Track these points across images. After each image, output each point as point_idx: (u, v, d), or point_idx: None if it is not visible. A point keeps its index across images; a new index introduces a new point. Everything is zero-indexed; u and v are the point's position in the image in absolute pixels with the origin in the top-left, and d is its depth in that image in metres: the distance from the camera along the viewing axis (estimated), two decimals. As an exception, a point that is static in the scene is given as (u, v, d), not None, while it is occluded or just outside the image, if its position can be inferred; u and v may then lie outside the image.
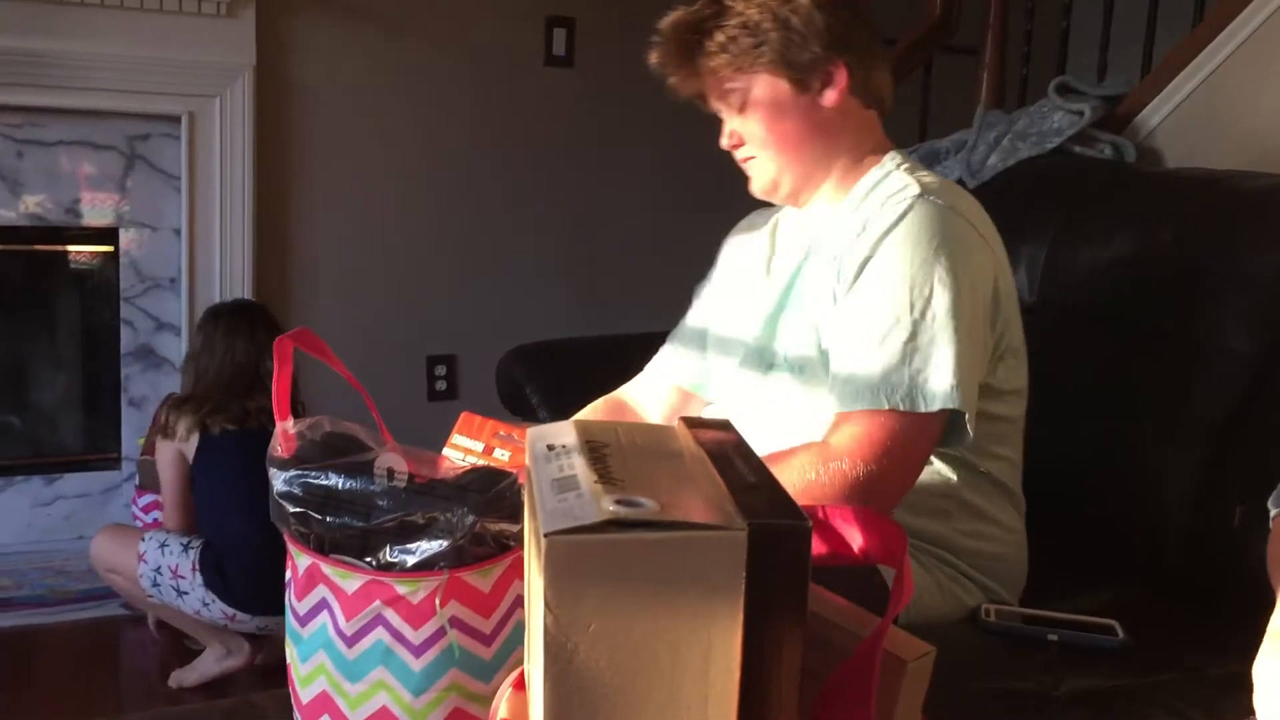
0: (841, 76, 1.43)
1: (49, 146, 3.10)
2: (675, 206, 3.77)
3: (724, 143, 1.51)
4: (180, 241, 3.23)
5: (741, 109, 1.45)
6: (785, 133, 1.45)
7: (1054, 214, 1.96)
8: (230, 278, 3.22)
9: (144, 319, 3.26)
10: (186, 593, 2.46)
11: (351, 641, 0.99)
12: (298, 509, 1.00)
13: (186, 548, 2.50)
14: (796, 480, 1.26)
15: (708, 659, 0.60)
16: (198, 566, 2.46)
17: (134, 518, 3.05)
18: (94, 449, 3.31)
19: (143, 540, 2.56)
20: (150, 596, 2.52)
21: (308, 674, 1.03)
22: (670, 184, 3.77)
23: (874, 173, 1.46)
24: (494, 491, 0.99)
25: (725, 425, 0.76)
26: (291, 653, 1.05)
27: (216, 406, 2.55)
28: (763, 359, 1.51)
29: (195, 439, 2.56)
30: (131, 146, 3.17)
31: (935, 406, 1.29)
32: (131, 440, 3.24)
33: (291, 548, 1.03)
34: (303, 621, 1.03)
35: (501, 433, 1.19)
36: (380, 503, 0.99)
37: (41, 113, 3.06)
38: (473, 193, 3.57)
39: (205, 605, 2.46)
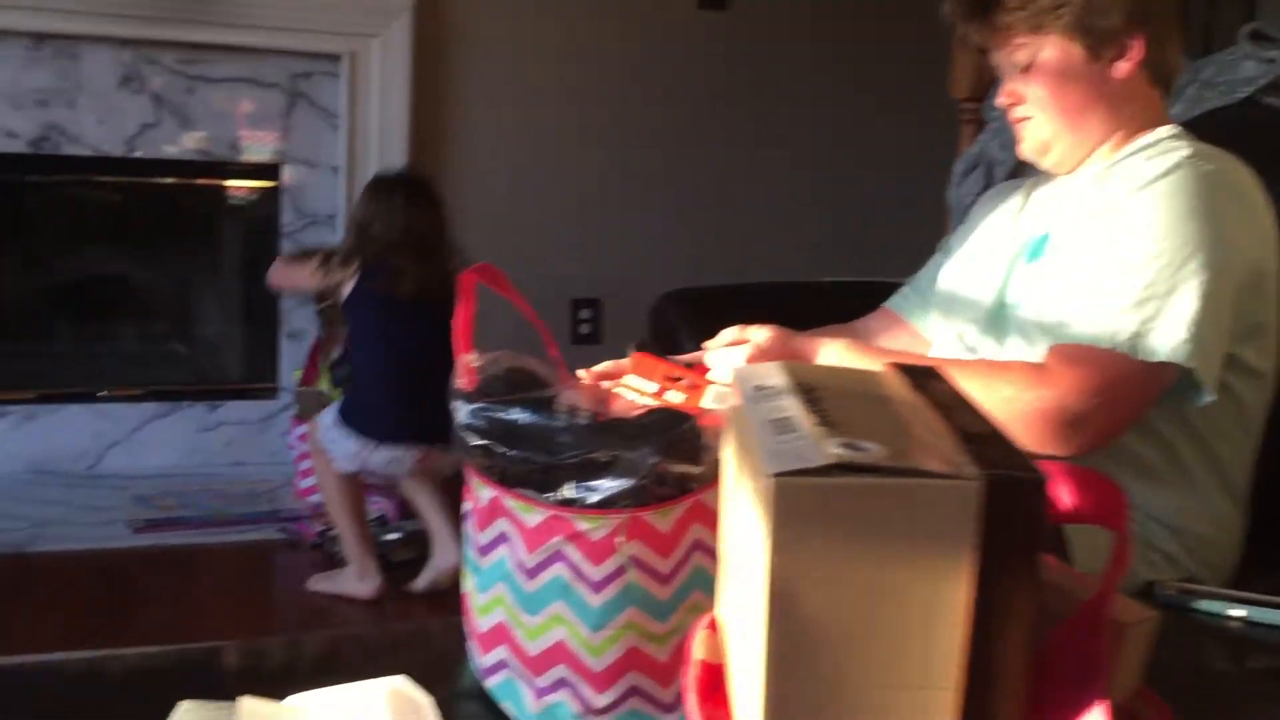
0: (1138, 49, 1.39)
1: (215, 83, 3.20)
2: (821, 157, 3.71)
3: (1000, 100, 1.48)
4: (338, 179, 3.30)
5: (1027, 68, 1.42)
6: (1068, 98, 1.42)
7: (1244, 167, 1.85)
8: (385, 216, 3.28)
9: (302, 255, 3.35)
10: (335, 442, 2.61)
11: (531, 574, 1.00)
12: (481, 442, 1.01)
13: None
14: (1000, 397, 1.23)
15: (932, 614, 0.58)
16: (340, 419, 2.63)
17: (289, 447, 3.16)
18: (253, 378, 3.43)
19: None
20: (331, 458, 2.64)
21: (486, 604, 1.04)
22: (819, 134, 3.70)
23: (1143, 139, 1.41)
24: (676, 433, 0.99)
25: (937, 372, 0.74)
26: (470, 582, 1.07)
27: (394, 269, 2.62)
28: (997, 320, 1.47)
29: (353, 283, 2.66)
30: (293, 84, 3.25)
31: (1160, 357, 1.25)
32: (288, 372, 3.34)
33: (473, 480, 1.04)
34: (483, 552, 1.04)
35: (675, 375, 1.18)
36: (563, 439, 0.99)
37: (210, 50, 3.16)
38: (620, 138, 3.56)
39: (347, 449, 2.60)
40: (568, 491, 0.97)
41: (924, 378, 0.72)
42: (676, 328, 2.15)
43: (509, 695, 1.06)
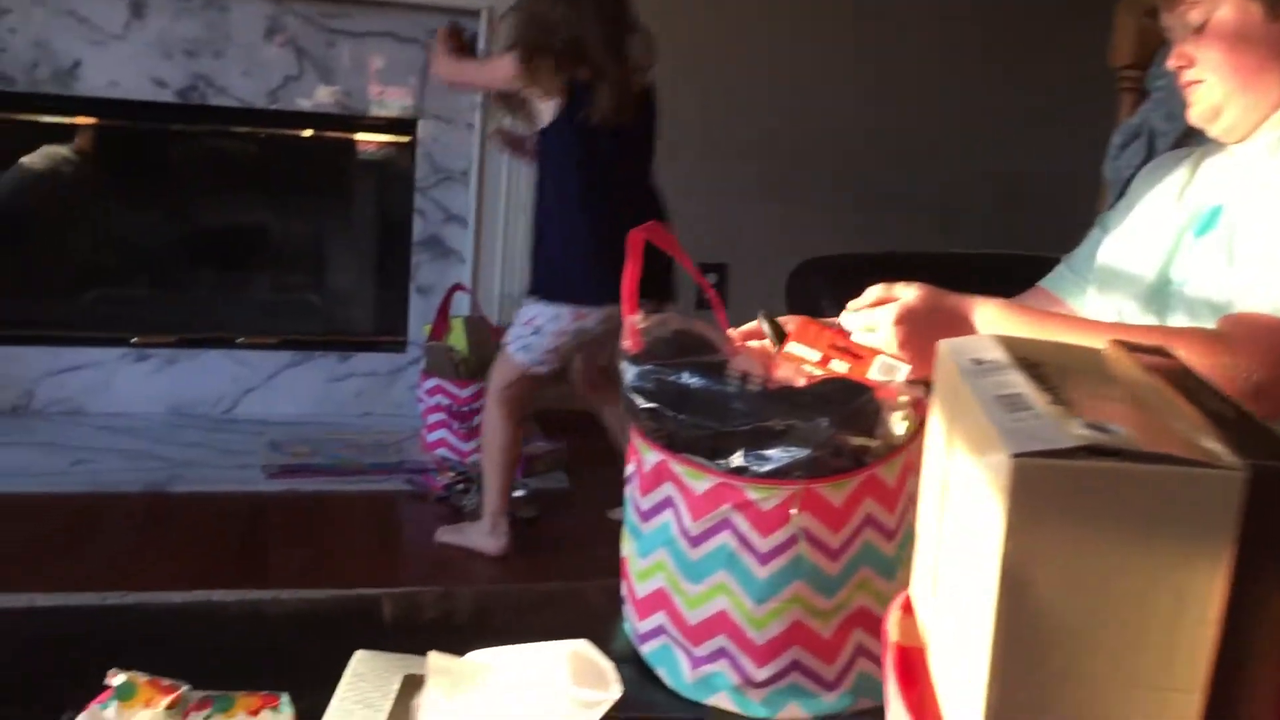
0: None
1: (355, 37, 3.23)
2: (971, 128, 3.59)
3: (1170, 63, 1.40)
4: (472, 134, 3.31)
5: (1200, 29, 1.35)
6: (1243, 60, 1.35)
7: None
8: (518, 174, 3.29)
9: (435, 209, 3.37)
10: (540, 327, 2.53)
11: (696, 542, 0.98)
12: (649, 405, 0.99)
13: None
14: None
15: (1180, 611, 0.54)
16: (541, 295, 2.55)
17: (418, 400, 3.20)
18: (383, 331, 3.48)
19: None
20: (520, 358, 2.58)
21: (645, 569, 1.03)
22: (969, 103, 3.59)
23: None
24: (854, 404, 0.95)
25: (1165, 351, 0.69)
26: (629, 546, 1.05)
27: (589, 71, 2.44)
28: (1160, 297, 1.40)
29: (555, 104, 2.48)
30: (432, 39, 3.25)
31: None
32: (418, 326, 3.38)
33: (639, 442, 1.02)
34: (645, 517, 1.02)
35: (840, 343, 1.14)
36: (735, 405, 0.96)
37: (351, 3, 3.18)
38: (751, 106, 3.50)
39: (558, 326, 2.52)
40: (739, 459, 0.95)
41: (1156, 355, 0.68)
42: (817, 295, 2.11)
43: (664, 662, 1.04)
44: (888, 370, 1.07)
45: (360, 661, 0.91)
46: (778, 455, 0.93)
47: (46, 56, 3.03)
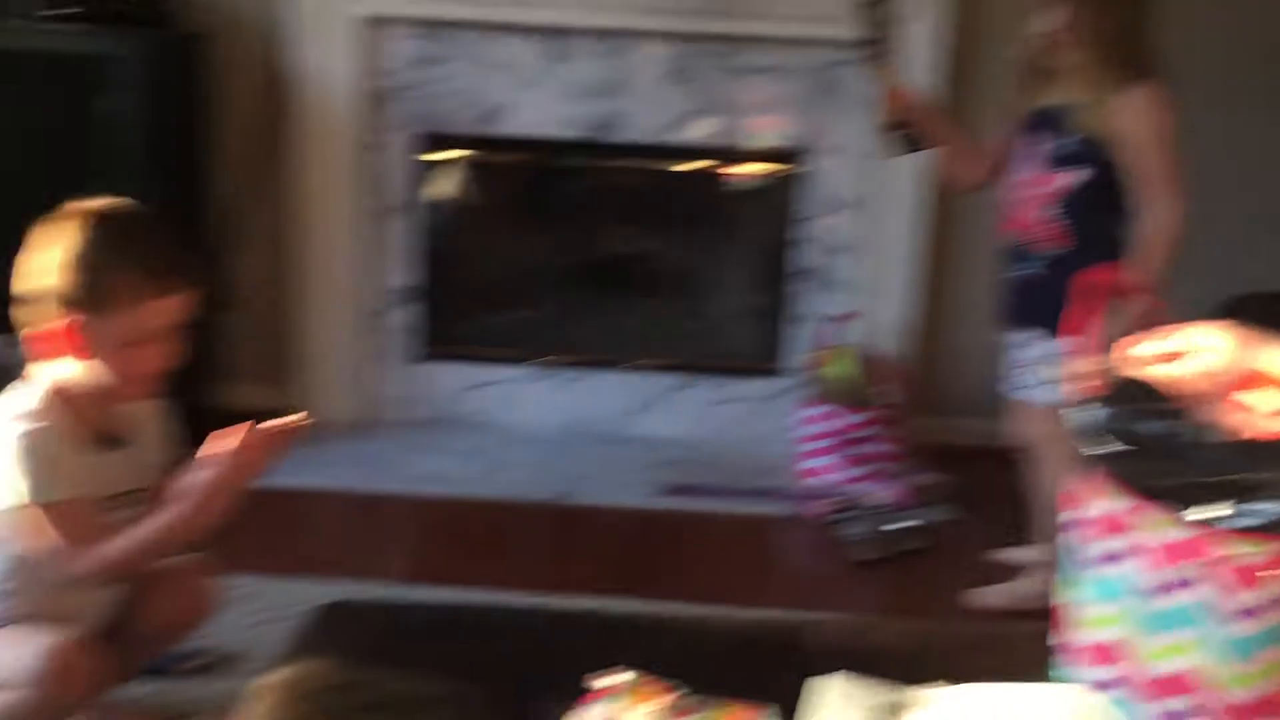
0: None
1: (749, 72, 3.34)
2: None
3: None
4: (863, 165, 3.33)
5: None
6: None
7: None
8: (906, 205, 3.28)
9: (820, 239, 3.43)
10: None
11: (1161, 594, 0.95)
12: (1112, 449, 0.97)
13: None
14: None
15: None
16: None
17: (796, 427, 3.26)
18: (762, 357, 3.57)
19: None
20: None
21: (1098, 618, 1.01)
22: None
23: None
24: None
25: None
26: (1075, 594, 1.03)
27: None
28: None
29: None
30: (821, 72, 3.32)
31: None
32: (796, 354, 3.44)
33: (1098, 488, 1.00)
34: (1095, 564, 1.00)
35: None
36: (1208, 455, 0.93)
37: (744, 41, 3.30)
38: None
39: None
40: (1217, 511, 0.91)
41: None
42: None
43: (1123, 713, 1.02)
44: None
45: (829, 687, 0.95)
46: (1268, 509, 0.89)
47: (475, 100, 3.34)
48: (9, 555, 1.66)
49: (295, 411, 1.68)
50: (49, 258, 1.60)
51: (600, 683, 1.01)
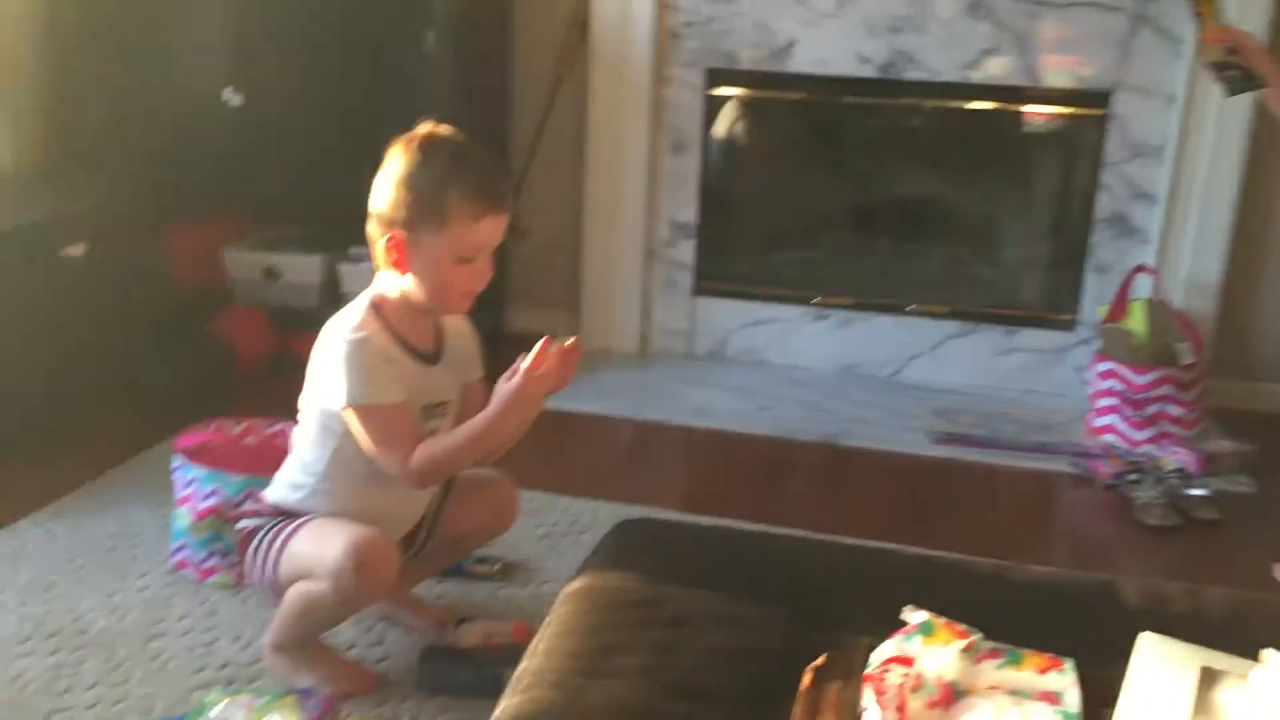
0: None
1: (1057, 8, 3.17)
2: None
3: None
4: (1172, 109, 3.12)
5: None
6: None
7: None
8: (1222, 152, 3.05)
9: (1122, 186, 3.24)
10: None
11: None
12: None
13: None
14: None
15: None
16: None
17: (1086, 382, 3.12)
18: (1052, 308, 3.42)
19: None
20: None
21: None
22: None
23: None
24: None
25: None
26: None
27: None
28: None
29: None
30: (1139, 8, 3.11)
31: None
32: (1091, 305, 3.28)
33: None
34: None
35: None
36: None
37: (1058, -26, 3.14)
38: None
39: None
40: None
41: None
42: None
43: None
44: None
45: (1151, 645, 0.92)
46: None
47: (766, 37, 3.33)
48: (327, 454, 1.81)
49: (568, 336, 1.75)
50: (385, 178, 1.72)
51: (904, 617, 1.01)
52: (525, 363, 1.66)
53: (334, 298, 1.82)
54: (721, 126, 3.55)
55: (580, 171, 3.49)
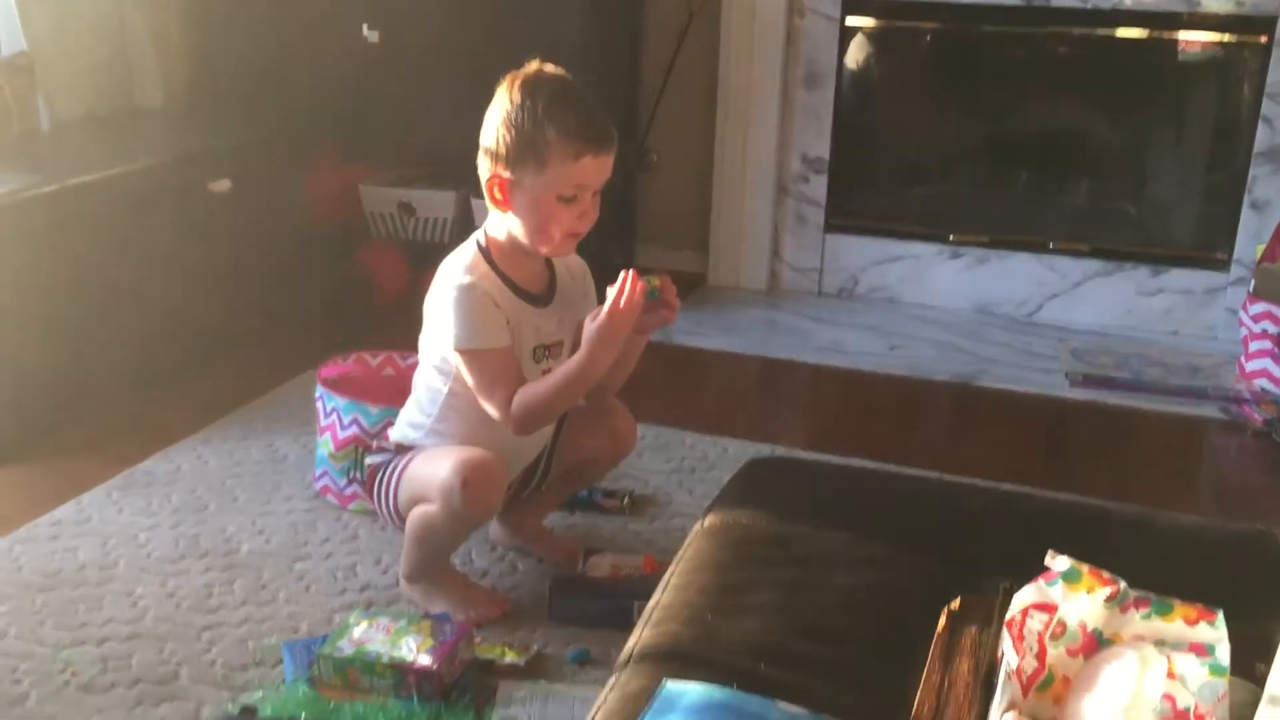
0: None
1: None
2: None
3: None
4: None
5: None
6: None
7: None
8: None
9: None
10: None
11: None
12: None
13: None
14: None
15: None
16: None
17: (1240, 324, 2.98)
18: (1203, 247, 3.28)
19: None
20: None
21: None
22: None
23: None
24: None
25: None
26: None
27: None
28: None
29: None
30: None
31: None
32: (1247, 244, 3.13)
33: None
34: None
35: None
36: None
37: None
38: None
39: None
40: None
41: None
42: None
43: None
44: None
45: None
46: None
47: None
48: (443, 394, 1.84)
49: (658, 274, 1.73)
50: (489, 117, 1.73)
51: (1047, 563, 0.99)
52: (609, 300, 1.66)
53: (467, 233, 1.83)
54: (856, 58, 3.47)
55: (711, 106, 3.45)
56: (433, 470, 1.78)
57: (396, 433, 1.92)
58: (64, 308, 2.47)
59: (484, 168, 1.75)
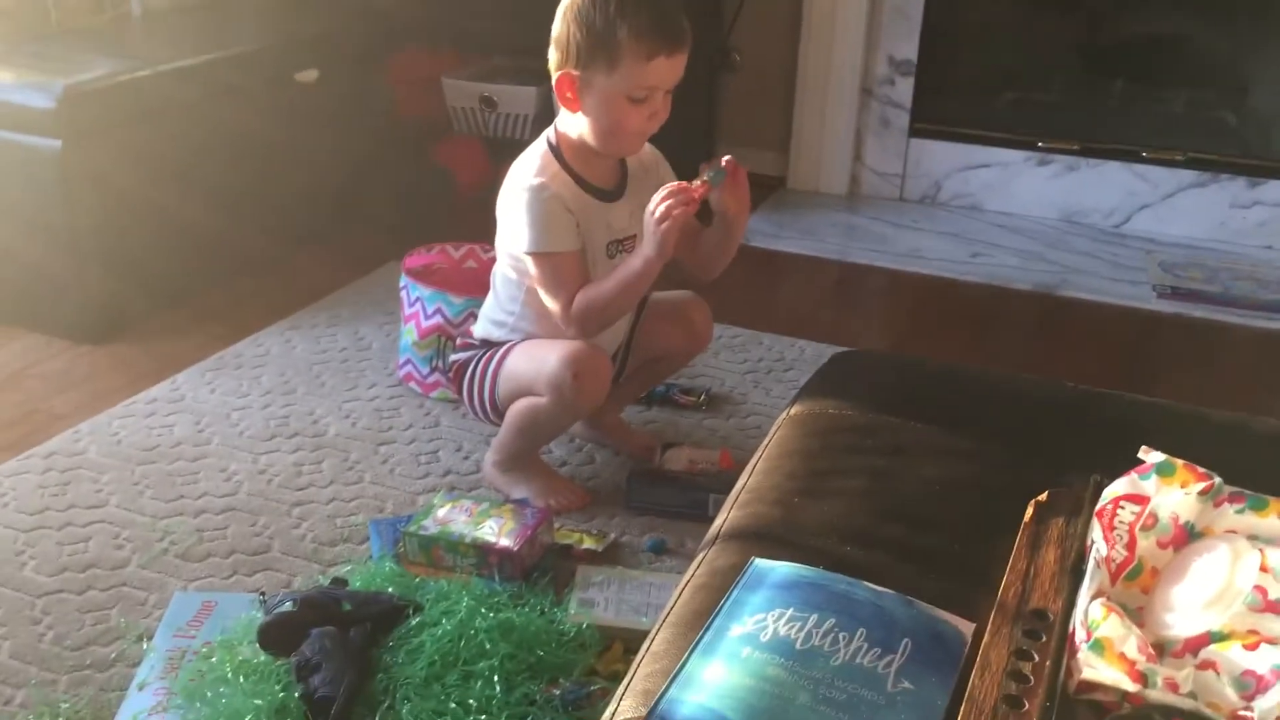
0: None
1: None
2: None
3: None
4: None
5: None
6: None
7: None
8: None
9: (1401, 24, 2.93)
10: None
11: None
12: None
13: None
14: None
15: None
16: None
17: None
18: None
19: None
20: None
21: None
22: None
23: None
24: None
25: None
26: None
27: None
28: None
29: None
30: None
31: None
32: (1350, 157, 3.02)
33: None
34: None
35: None
36: None
37: None
38: None
39: None
40: None
41: None
42: None
43: None
44: None
45: None
46: None
47: None
48: (521, 293, 1.86)
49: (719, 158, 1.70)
50: (561, 15, 1.71)
51: (1141, 456, 0.98)
52: (662, 192, 1.65)
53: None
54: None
55: (796, 5, 3.37)
56: (537, 364, 1.80)
57: (480, 329, 1.94)
58: (155, 195, 2.51)
59: (554, 62, 1.73)
